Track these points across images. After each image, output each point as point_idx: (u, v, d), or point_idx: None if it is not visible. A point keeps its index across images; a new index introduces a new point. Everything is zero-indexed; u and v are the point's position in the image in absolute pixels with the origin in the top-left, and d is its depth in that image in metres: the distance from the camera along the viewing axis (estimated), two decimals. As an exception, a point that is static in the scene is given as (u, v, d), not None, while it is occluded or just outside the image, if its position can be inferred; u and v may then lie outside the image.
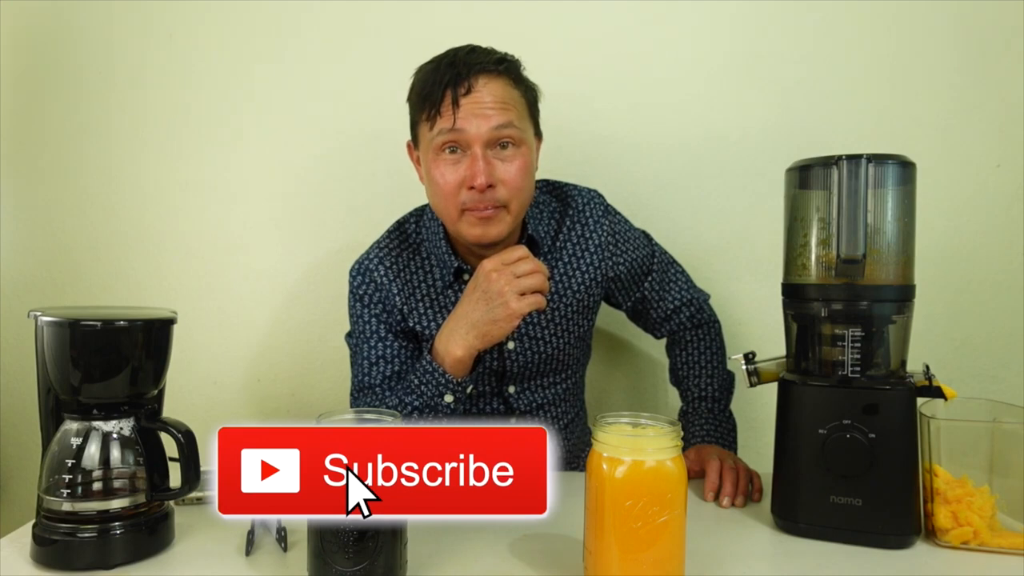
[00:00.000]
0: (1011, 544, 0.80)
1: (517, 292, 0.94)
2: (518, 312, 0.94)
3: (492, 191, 1.00)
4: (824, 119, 1.41)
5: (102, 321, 0.77)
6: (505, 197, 1.01)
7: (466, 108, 0.99)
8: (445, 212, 1.04)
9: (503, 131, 1.00)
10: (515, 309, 0.94)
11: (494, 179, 1.00)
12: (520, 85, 1.05)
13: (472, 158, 0.99)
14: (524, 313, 0.95)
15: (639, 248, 1.20)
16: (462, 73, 0.99)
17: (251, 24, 1.51)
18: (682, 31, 1.44)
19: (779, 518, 0.88)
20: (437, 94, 1.00)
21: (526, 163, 1.03)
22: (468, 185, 1.00)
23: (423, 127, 1.04)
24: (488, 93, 1.00)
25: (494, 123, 0.99)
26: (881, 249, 0.84)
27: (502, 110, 1.00)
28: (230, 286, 1.54)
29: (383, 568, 0.69)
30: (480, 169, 0.98)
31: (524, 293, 0.94)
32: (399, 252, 1.14)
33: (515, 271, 0.95)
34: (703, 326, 1.25)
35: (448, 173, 1.01)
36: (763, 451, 0.96)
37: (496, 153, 1.01)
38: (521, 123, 1.03)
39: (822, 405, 0.84)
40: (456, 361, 0.98)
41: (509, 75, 1.03)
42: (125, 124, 1.54)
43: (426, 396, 1.00)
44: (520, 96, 1.04)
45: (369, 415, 0.73)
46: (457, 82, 0.99)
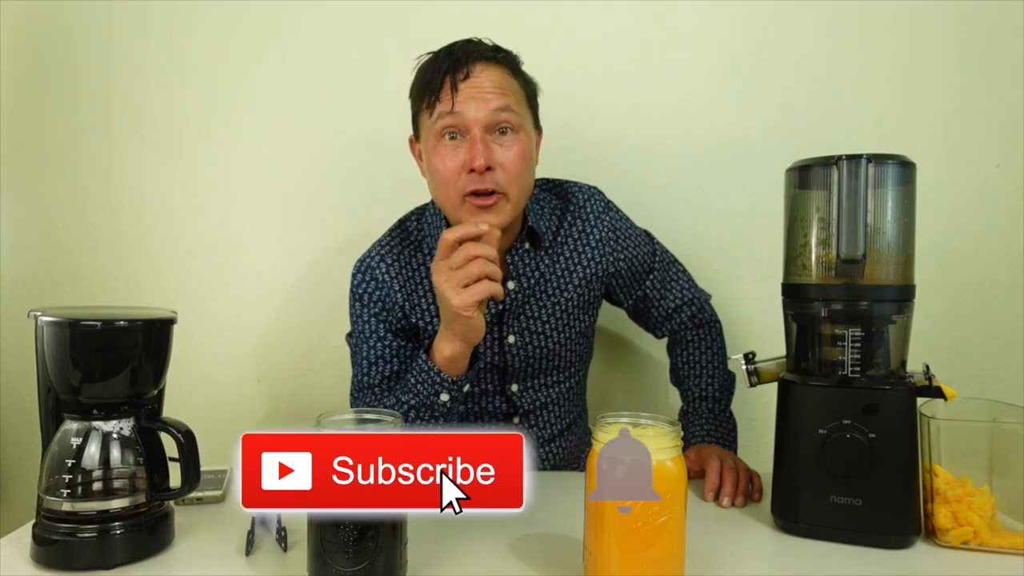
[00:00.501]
0: (1011, 544, 0.80)
1: (458, 286, 0.90)
2: (463, 306, 0.89)
3: (491, 174, 1.00)
4: (824, 119, 1.41)
5: (102, 321, 0.77)
6: (504, 182, 1.01)
7: (464, 92, 1.00)
8: (446, 200, 1.05)
9: (501, 115, 1.01)
10: (459, 304, 0.90)
11: (493, 162, 1.00)
12: (518, 76, 1.06)
13: (471, 141, 1.00)
14: (472, 304, 0.90)
15: (640, 245, 1.20)
16: (460, 59, 1.01)
17: (251, 24, 1.51)
18: (682, 31, 1.44)
19: (779, 518, 0.88)
20: (436, 81, 1.01)
21: (525, 150, 1.03)
22: (468, 168, 1.00)
23: (423, 116, 1.05)
24: (486, 79, 1.01)
25: (492, 106, 1.00)
26: (881, 249, 0.84)
27: (500, 94, 1.01)
28: (230, 286, 1.54)
29: (383, 568, 0.69)
30: (479, 151, 0.99)
31: (467, 284, 0.90)
32: (401, 249, 1.14)
33: (450, 264, 0.91)
34: (704, 326, 1.25)
35: (448, 159, 1.02)
36: (763, 451, 0.96)
37: (495, 138, 1.02)
38: (519, 109, 1.04)
39: (822, 405, 0.84)
40: (447, 360, 0.98)
41: (507, 64, 1.05)
42: (125, 124, 1.54)
43: (422, 395, 1.00)
44: (518, 86, 1.06)
45: (369, 415, 0.74)
46: (456, 68, 1.01)
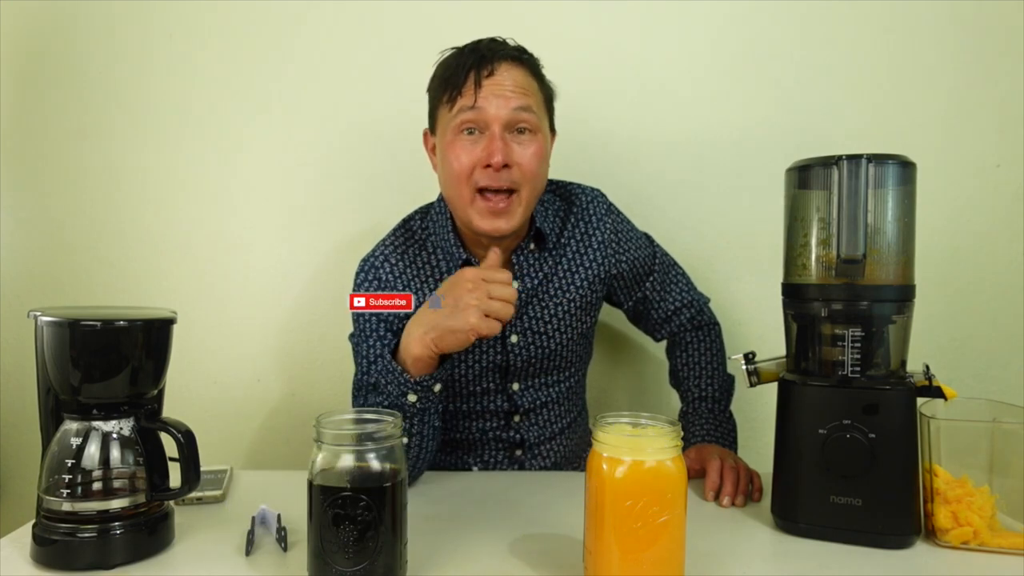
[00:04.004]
0: (1011, 544, 0.80)
1: (484, 310, 0.90)
2: (476, 329, 0.90)
3: (508, 172, 1.01)
4: (824, 119, 1.42)
5: (102, 321, 0.77)
6: (519, 180, 1.02)
7: (487, 89, 1.01)
8: (457, 196, 1.05)
9: (522, 114, 1.02)
10: (474, 325, 0.89)
11: (511, 159, 1.01)
12: (539, 79, 1.08)
13: (490, 137, 1.01)
14: (481, 334, 0.90)
15: (641, 248, 1.21)
16: (486, 56, 1.03)
17: (251, 24, 1.50)
18: (682, 31, 1.44)
19: (779, 518, 0.88)
20: (460, 76, 1.02)
21: (541, 150, 1.05)
22: (484, 163, 1.01)
23: (443, 110, 1.05)
24: (509, 78, 1.03)
25: (514, 105, 1.01)
26: (881, 249, 0.84)
27: (522, 94, 1.03)
28: (230, 286, 1.54)
29: (383, 568, 0.69)
30: (498, 147, 1.00)
31: (489, 315, 0.90)
32: (405, 248, 1.14)
33: (491, 291, 0.91)
34: (703, 328, 1.25)
35: (464, 155, 1.02)
36: (763, 451, 0.96)
37: (514, 137, 1.03)
38: (539, 111, 1.05)
39: (822, 405, 0.84)
40: (415, 359, 0.95)
41: (530, 66, 1.06)
42: (125, 124, 1.54)
43: (392, 396, 0.98)
44: (539, 88, 1.07)
45: (369, 415, 0.74)
46: (481, 64, 1.02)
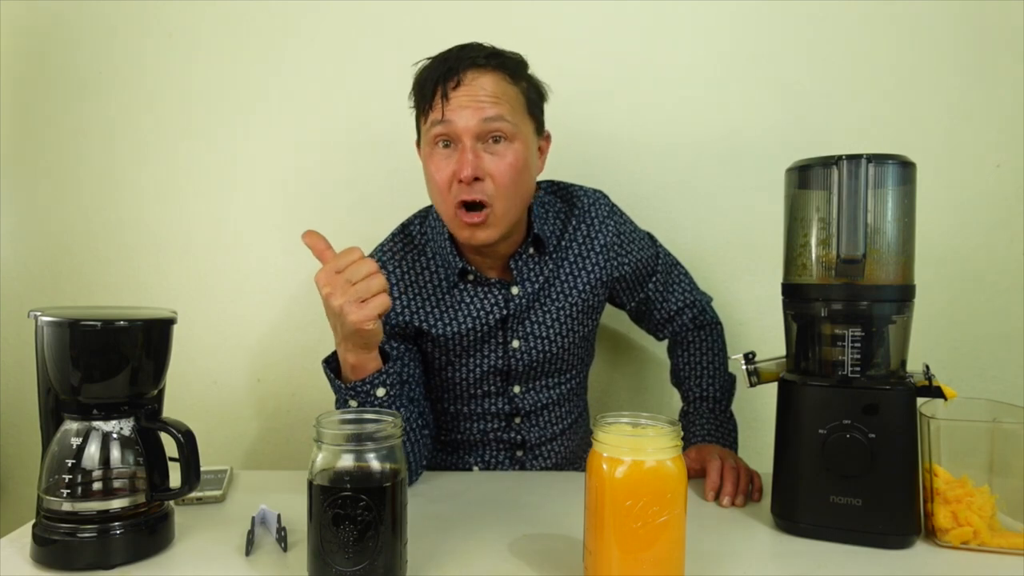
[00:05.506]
0: (1011, 544, 0.80)
1: (356, 301, 0.85)
2: (363, 321, 0.86)
3: (480, 184, 0.99)
4: (824, 119, 1.42)
5: (102, 321, 0.77)
6: (492, 193, 1.00)
7: (455, 101, 0.99)
8: (443, 208, 1.04)
9: (492, 124, 0.99)
10: (359, 320, 0.85)
11: (481, 172, 0.99)
12: (517, 82, 1.03)
13: (461, 150, 0.99)
14: (372, 318, 0.86)
15: (644, 249, 1.20)
16: (452, 67, 1.00)
17: (251, 24, 1.50)
18: (683, 31, 1.44)
19: (779, 518, 0.88)
20: (428, 88, 1.01)
21: (518, 159, 1.01)
22: (457, 178, 0.99)
23: (421, 122, 1.05)
24: (478, 87, 0.99)
25: (483, 115, 0.99)
26: (881, 249, 0.84)
27: (492, 103, 0.99)
28: (230, 286, 1.54)
29: (383, 568, 0.69)
30: (467, 161, 0.98)
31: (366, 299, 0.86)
32: (404, 254, 1.14)
33: (349, 278, 0.85)
34: (705, 328, 1.25)
35: (442, 168, 1.01)
36: (763, 451, 0.96)
37: (487, 147, 1.00)
38: (514, 118, 1.01)
39: (822, 405, 0.84)
40: (353, 368, 0.94)
41: (503, 70, 1.02)
42: (125, 124, 1.54)
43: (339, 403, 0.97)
44: (517, 92, 1.03)
45: (369, 415, 0.74)
46: (447, 76, 1.00)
